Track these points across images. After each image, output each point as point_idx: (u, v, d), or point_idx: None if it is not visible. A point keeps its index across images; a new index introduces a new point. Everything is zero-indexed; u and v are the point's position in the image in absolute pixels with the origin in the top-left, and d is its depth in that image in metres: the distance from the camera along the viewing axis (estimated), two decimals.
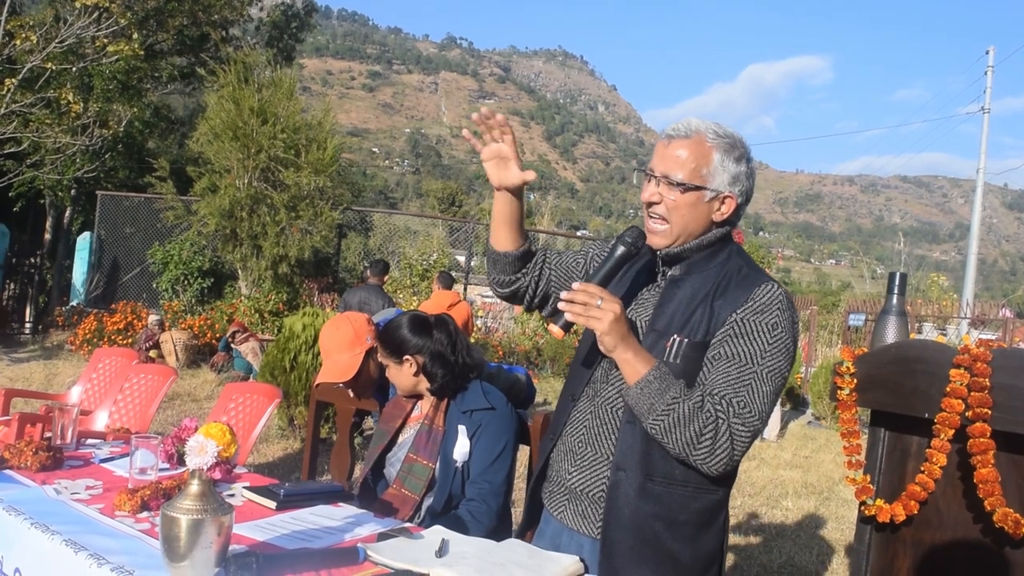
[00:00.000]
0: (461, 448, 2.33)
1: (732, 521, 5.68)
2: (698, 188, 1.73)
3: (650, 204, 1.77)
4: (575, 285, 1.65)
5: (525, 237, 1.91)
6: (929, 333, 12.86)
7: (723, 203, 1.76)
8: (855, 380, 2.04)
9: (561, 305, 1.65)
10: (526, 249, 1.91)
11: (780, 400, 10.45)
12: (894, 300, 2.22)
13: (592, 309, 1.62)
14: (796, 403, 13.25)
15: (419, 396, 2.52)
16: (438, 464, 2.36)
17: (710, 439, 1.60)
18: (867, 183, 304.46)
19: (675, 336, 1.72)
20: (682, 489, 1.71)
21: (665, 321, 1.75)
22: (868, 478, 2.03)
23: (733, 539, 5.30)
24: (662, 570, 1.71)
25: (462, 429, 2.35)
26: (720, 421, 1.61)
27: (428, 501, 2.36)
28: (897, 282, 2.22)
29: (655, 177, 1.76)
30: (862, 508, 2.02)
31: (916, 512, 1.90)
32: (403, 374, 2.43)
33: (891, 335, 2.19)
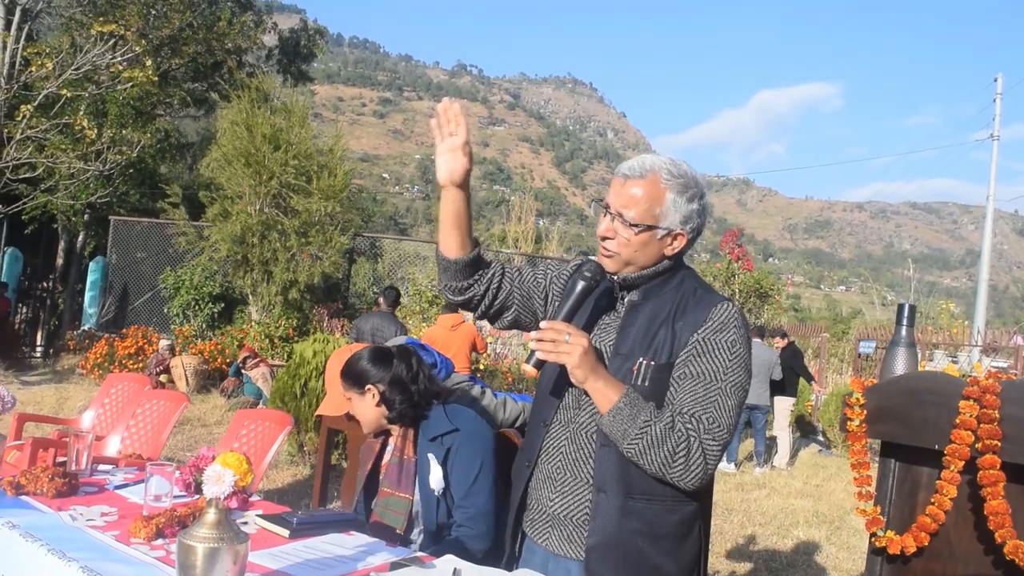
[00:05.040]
0: (436, 476, 2.31)
1: (743, 549, 5.65)
2: (650, 228, 1.79)
3: (604, 238, 1.84)
4: (543, 324, 1.74)
5: (475, 243, 1.93)
6: (940, 361, 12.78)
7: (675, 239, 1.84)
8: (865, 411, 2.05)
9: (532, 345, 1.73)
10: (476, 255, 1.93)
11: (790, 428, 10.42)
12: (903, 332, 2.23)
13: (561, 345, 1.69)
14: (806, 431, 13.17)
15: (386, 432, 2.51)
16: (417, 496, 2.35)
17: (683, 457, 1.68)
18: (877, 209, 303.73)
19: (641, 359, 1.78)
20: (660, 504, 1.77)
21: (629, 345, 1.82)
22: (879, 509, 2.03)
23: (743, 569, 5.27)
24: None
25: (432, 457, 2.34)
26: (692, 439, 1.68)
27: (415, 533, 2.36)
28: (906, 314, 2.24)
29: (611, 213, 1.82)
30: (873, 539, 2.02)
31: (927, 544, 1.90)
32: (365, 405, 2.43)
33: (900, 366, 2.19)
